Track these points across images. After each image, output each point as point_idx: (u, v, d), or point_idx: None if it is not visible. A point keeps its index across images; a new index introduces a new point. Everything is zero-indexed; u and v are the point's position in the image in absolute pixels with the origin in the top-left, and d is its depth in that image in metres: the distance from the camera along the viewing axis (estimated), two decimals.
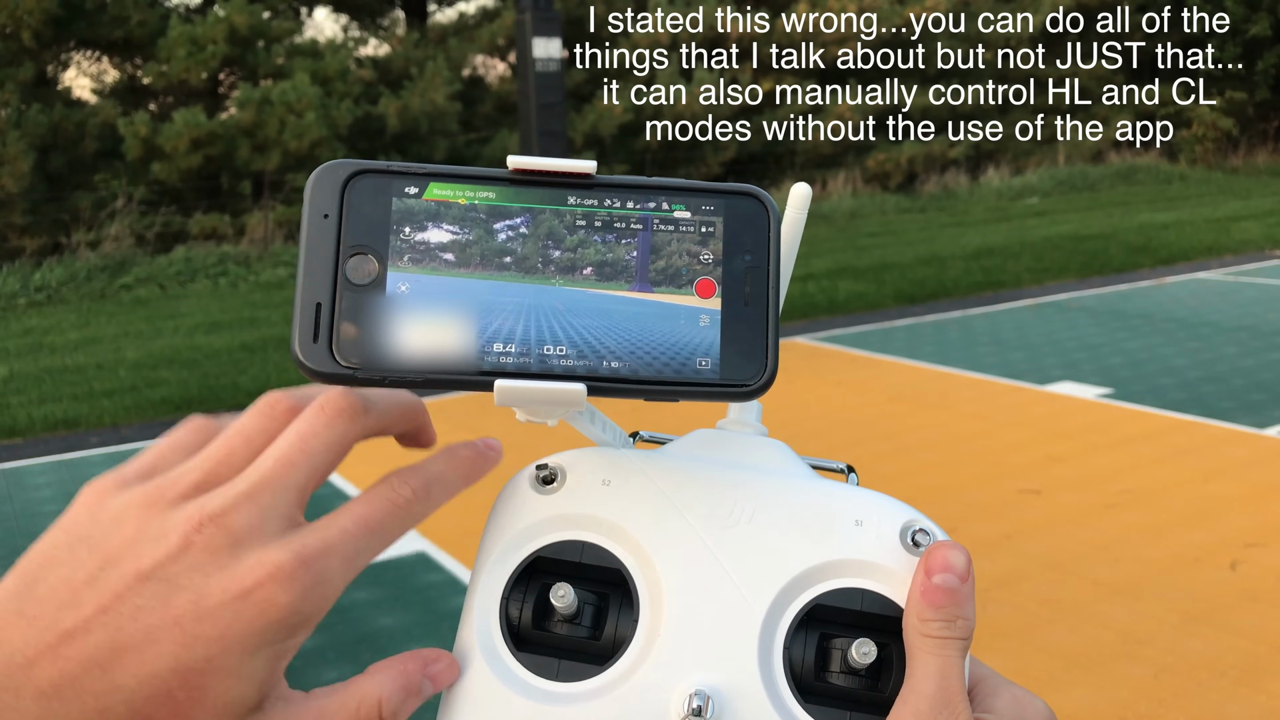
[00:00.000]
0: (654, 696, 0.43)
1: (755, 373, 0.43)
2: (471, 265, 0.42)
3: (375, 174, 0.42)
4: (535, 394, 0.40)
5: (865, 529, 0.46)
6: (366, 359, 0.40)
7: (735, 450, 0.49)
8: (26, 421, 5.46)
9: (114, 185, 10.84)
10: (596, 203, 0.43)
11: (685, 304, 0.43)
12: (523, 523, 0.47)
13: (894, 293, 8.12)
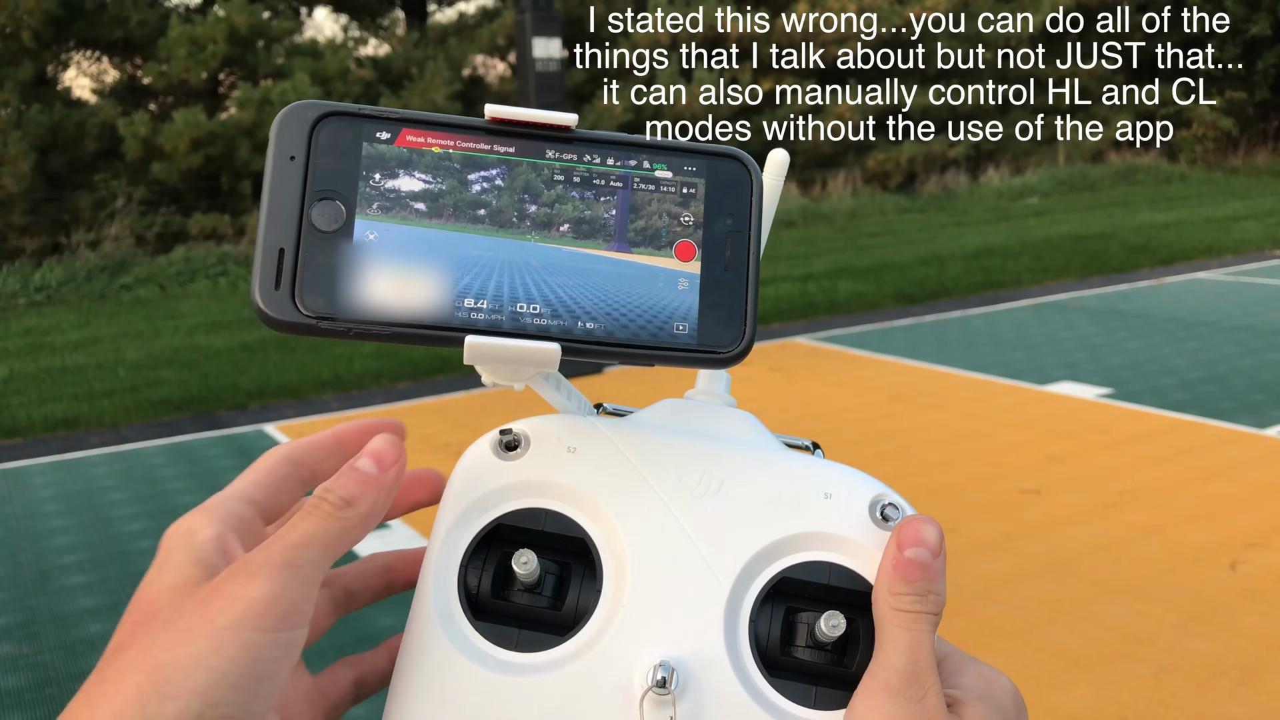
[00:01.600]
0: (616, 668, 0.42)
1: (733, 339, 0.42)
2: (444, 216, 0.40)
3: (346, 116, 0.41)
4: (507, 352, 0.39)
5: (834, 502, 0.45)
6: (330, 309, 0.39)
7: (704, 420, 0.48)
8: (26, 422, 5.46)
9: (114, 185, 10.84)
10: (576, 158, 0.42)
11: (664, 266, 0.42)
12: (484, 489, 0.45)
13: (894, 293, 8.12)
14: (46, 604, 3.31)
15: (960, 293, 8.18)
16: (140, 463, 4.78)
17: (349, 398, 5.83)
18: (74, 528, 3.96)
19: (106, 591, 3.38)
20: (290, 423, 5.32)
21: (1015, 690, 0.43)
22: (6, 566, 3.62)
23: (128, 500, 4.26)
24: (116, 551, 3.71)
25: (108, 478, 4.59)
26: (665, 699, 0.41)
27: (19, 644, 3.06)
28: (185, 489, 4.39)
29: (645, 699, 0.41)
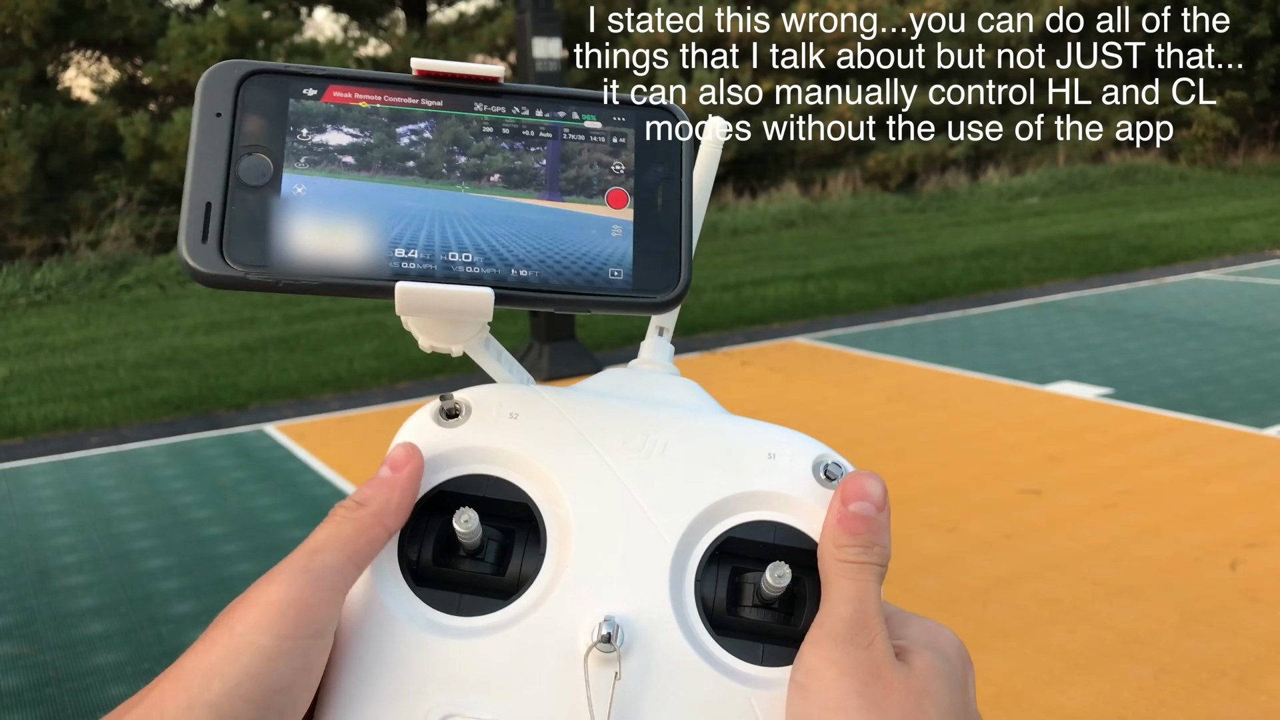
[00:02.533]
0: (561, 628, 0.42)
1: (669, 283, 0.42)
2: (372, 169, 0.41)
3: (271, 74, 0.41)
4: (440, 298, 0.39)
5: (778, 462, 0.45)
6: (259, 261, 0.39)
7: (648, 387, 0.48)
8: (26, 422, 5.46)
9: (114, 185, 10.84)
10: (504, 110, 0.42)
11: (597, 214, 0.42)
12: (424, 456, 0.45)
13: (894, 293, 8.12)
14: (46, 604, 3.31)
15: (960, 293, 8.18)
16: (140, 463, 4.78)
17: (349, 398, 5.83)
18: (74, 528, 3.96)
19: (106, 591, 3.38)
20: (290, 423, 5.32)
21: (960, 642, 0.44)
22: (6, 566, 3.62)
23: (128, 500, 4.26)
24: (116, 551, 3.71)
25: (108, 478, 4.59)
26: (610, 656, 0.41)
27: (19, 644, 3.06)
28: (185, 489, 4.39)
29: (589, 655, 0.41)
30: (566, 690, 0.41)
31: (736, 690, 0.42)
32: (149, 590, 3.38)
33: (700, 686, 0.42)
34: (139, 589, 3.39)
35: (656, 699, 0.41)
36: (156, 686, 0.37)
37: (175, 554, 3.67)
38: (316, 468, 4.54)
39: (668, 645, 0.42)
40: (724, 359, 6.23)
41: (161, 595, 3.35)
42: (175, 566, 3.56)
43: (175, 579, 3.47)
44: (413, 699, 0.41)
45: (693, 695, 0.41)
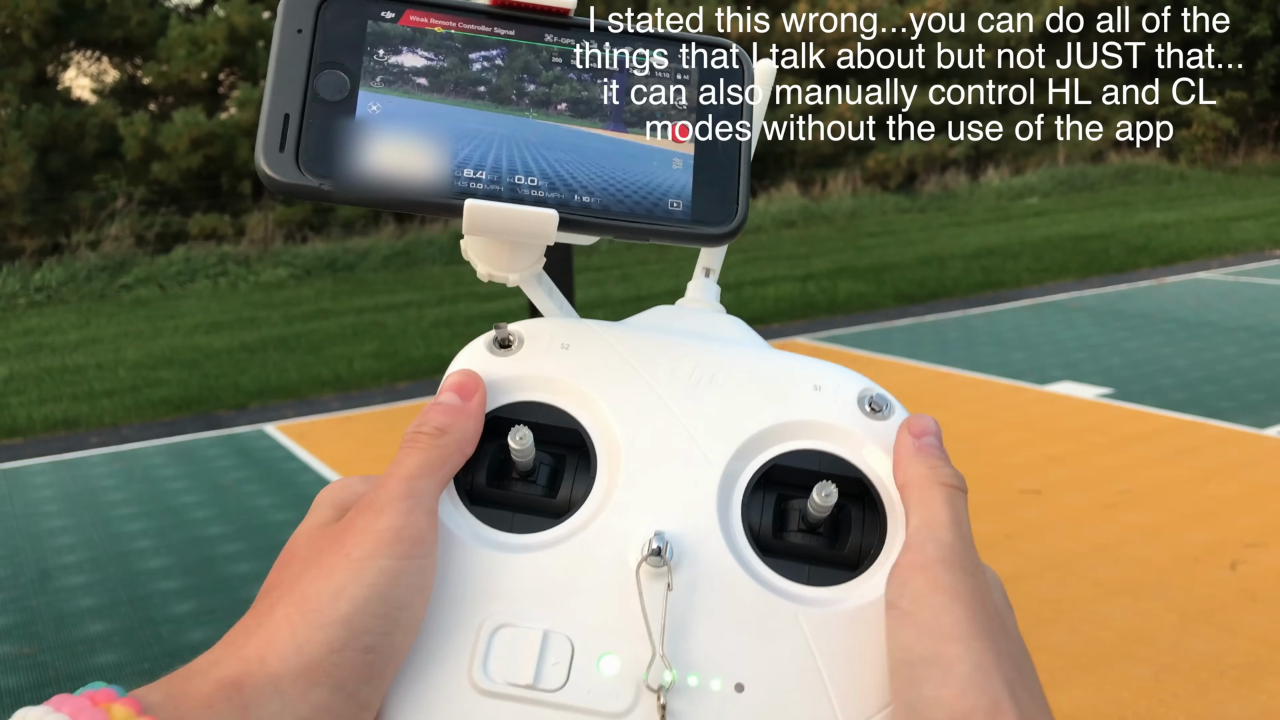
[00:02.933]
0: (611, 543, 0.43)
1: (727, 216, 0.43)
2: (445, 91, 0.42)
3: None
4: (506, 216, 0.40)
5: (823, 393, 0.46)
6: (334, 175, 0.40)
7: (694, 322, 0.49)
8: (27, 422, 5.46)
9: (114, 185, 10.84)
10: (573, 41, 0.44)
11: (659, 146, 0.43)
12: None
13: (894, 293, 8.12)
14: (46, 604, 3.31)
15: (960, 293, 8.18)
16: (140, 463, 4.78)
17: (349, 398, 5.83)
18: (74, 528, 3.96)
19: (106, 591, 3.38)
20: (290, 422, 5.32)
21: None
22: (7, 566, 3.62)
23: (128, 500, 4.26)
24: (116, 551, 3.71)
25: (108, 478, 4.59)
26: (661, 569, 0.42)
27: (19, 644, 3.06)
28: (185, 489, 4.39)
29: (640, 569, 0.42)
30: (617, 602, 0.42)
31: (783, 606, 0.43)
32: (149, 590, 3.38)
33: (747, 601, 0.42)
34: (139, 589, 3.39)
35: (705, 612, 0.42)
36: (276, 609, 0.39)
37: (175, 554, 3.67)
38: (316, 468, 4.54)
39: (715, 562, 0.43)
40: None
41: (161, 595, 3.35)
42: (175, 566, 3.56)
43: (175, 579, 3.47)
44: (468, 609, 0.42)
45: (740, 609, 0.42)
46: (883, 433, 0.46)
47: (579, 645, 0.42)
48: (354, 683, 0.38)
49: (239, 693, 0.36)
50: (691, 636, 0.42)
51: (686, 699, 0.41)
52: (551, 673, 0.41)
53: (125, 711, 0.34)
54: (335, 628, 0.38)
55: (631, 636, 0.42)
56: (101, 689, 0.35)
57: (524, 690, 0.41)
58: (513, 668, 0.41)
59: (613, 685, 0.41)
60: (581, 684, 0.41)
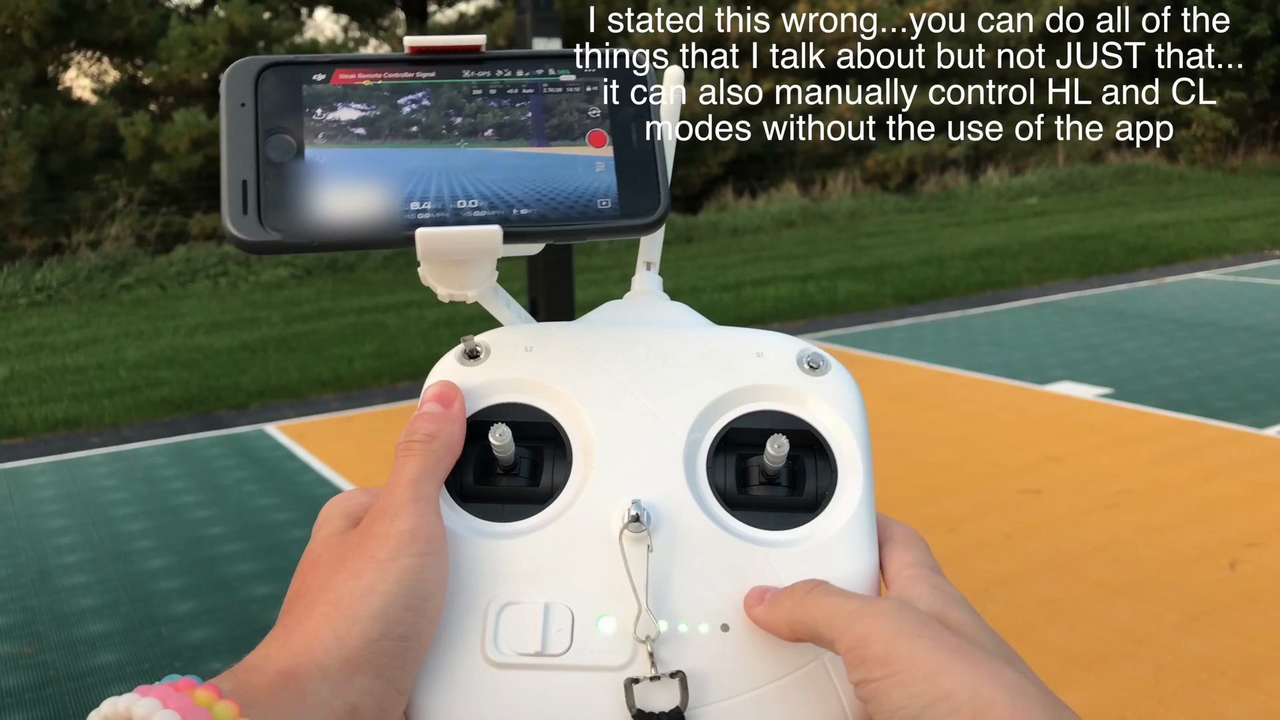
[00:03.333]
0: (595, 518, 0.47)
1: (651, 206, 0.47)
2: (382, 136, 0.46)
3: (283, 66, 0.47)
4: (455, 238, 0.44)
5: (765, 359, 0.51)
6: (295, 228, 0.44)
7: (643, 312, 0.54)
8: (27, 422, 5.46)
9: (114, 185, 10.84)
10: (489, 74, 0.48)
11: (581, 154, 0.47)
12: None
13: (894, 293, 8.12)
14: (47, 604, 3.32)
15: (960, 293, 8.18)
16: (141, 462, 4.78)
17: (349, 398, 5.83)
18: (74, 527, 3.96)
19: (107, 591, 3.38)
20: (290, 423, 5.32)
21: None
22: (7, 566, 3.63)
23: (128, 500, 4.26)
24: (117, 551, 3.71)
25: (108, 477, 4.59)
26: (641, 534, 0.46)
27: (19, 644, 3.07)
28: (186, 489, 4.39)
29: (623, 536, 0.46)
30: (606, 568, 0.46)
31: (755, 551, 0.47)
32: (149, 590, 3.39)
33: (722, 552, 0.47)
34: (139, 589, 3.39)
35: (685, 566, 0.47)
36: (313, 609, 0.43)
37: (176, 554, 3.67)
38: (317, 468, 4.54)
39: (689, 522, 0.47)
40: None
41: (162, 595, 3.35)
42: (176, 566, 3.57)
43: (176, 579, 3.47)
44: (474, 595, 0.46)
45: (717, 560, 0.47)
46: (823, 386, 0.51)
47: (578, 612, 0.46)
48: (391, 669, 0.43)
49: (294, 681, 0.41)
50: (676, 590, 0.46)
51: (677, 645, 0.46)
52: (556, 639, 0.45)
53: (208, 695, 0.38)
54: (370, 622, 0.42)
55: (624, 598, 0.46)
56: (181, 679, 0.39)
57: (533, 658, 0.45)
58: (521, 639, 0.45)
59: (612, 642, 0.46)
60: (584, 645, 0.45)
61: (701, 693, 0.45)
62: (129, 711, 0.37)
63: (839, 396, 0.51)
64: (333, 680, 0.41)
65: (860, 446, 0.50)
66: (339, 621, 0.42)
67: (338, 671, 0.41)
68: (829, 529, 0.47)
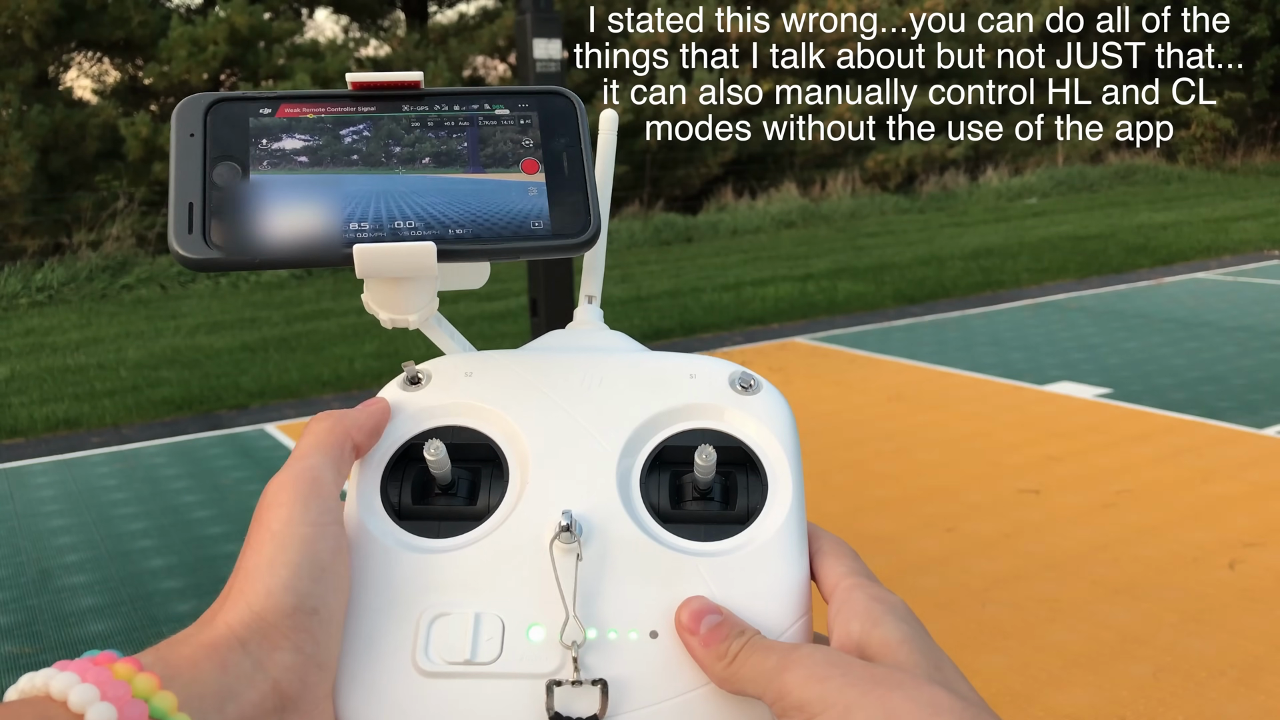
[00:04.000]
0: (528, 530, 0.48)
1: (582, 228, 0.49)
2: (324, 164, 0.48)
3: (231, 101, 0.49)
4: (391, 253, 0.46)
5: (698, 380, 0.53)
6: (238, 246, 0.46)
7: (583, 340, 0.56)
8: (28, 421, 5.46)
9: (115, 186, 10.84)
10: (428, 108, 0.50)
11: (515, 180, 0.49)
12: (395, 417, 0.52)
13: (893, 293, 8.13)
14: (47, 603, 3.32)
15: (959, 293, 8.18)
16: (141, 462, 4.79)
17: (349, 398, 5.83)
18: (75, 527, 3.96)
19: (107, 591, 3.39)
20: (291, 423, 5.32)
21: None
22: (7, 566, 3.63)
23: (129, 500, 4.27)
24: (117, 551, 3.72)
25: (109, 477, 4.60)
26: (571, 544, 0.47)
27: (19, 643, 3.07)
28: (186, 489, 4.39)
29: (554, 545, 0.47)
30: (538, 578, 0.47)
31: (685, 560, 0.48)
32: (150, 589, 3.39)
33: (653, 561, 0.48)
34: (140, 588, 3.40)
35: (616, 576, 0.47)
36: (231, 588, 0.44)
37: (176, 553, 3.68)
38: None
39: (621, 533, 0.48)
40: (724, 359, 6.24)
41: (163, 594, 3.35)
42: (176, 566, 3.57)
43: (176, 578, 3.47)
44: (405, 606, 0.47)
45: (647, 568, 0.48)
46: (754, 405, 0.52)
47: (509, 621, 0.47)
48: (309, 644, 0.43)
49: (216, 652, 0.40)
50: (606, 598, 0.47)
51: (606, 652, 0.46)
52: (486, 647, 0.46)
53: (127, 668, 0.37)
54: (281, 594, 0.42)
55: (555, 607, 0.46)
56: (100, 653, 0.38)
57: (462, 666, 0.46)
58: (450, 648, 0.46)
59: (541, 650, 0.46)
60: (514, 654, 0.46)
61: (627, 699, 0.45)
62: (46, 686, 0.36)
63: (769, 414, 0.52)
64: (252, 654, 0.41)
65: (790, 461, 0.50)
66: (252, 595, 0.42)
67: (256, 645, 0.41)
68: (758, 539, 0.48)
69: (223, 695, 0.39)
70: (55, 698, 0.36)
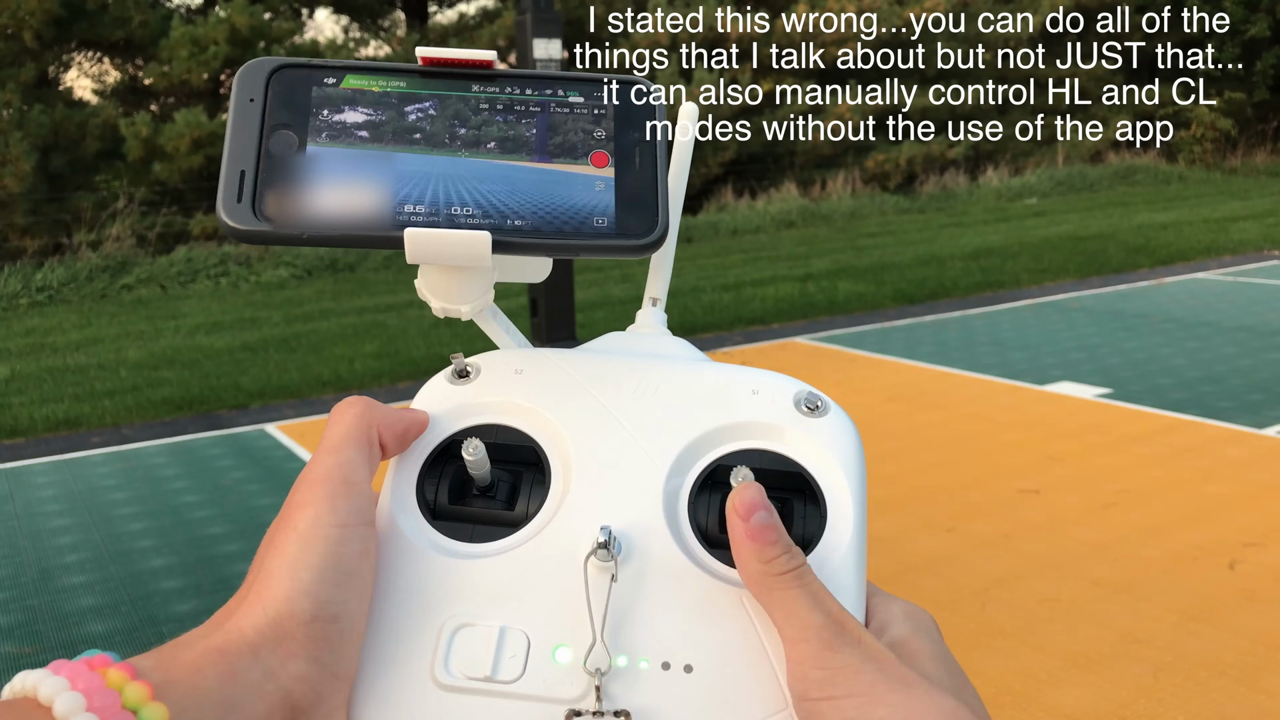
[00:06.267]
0: (563, 543, 0.45)
1: (648, 229, 0.46)
2: (384, 140, 0.46)
3: (296, 68, 0.47)
4: (444, 240, 0.43)
5: (761, 396, 0.49)
6: (285, 218, 0.44)
7: (642, 344, 0.53)
8: (28, 421, 5.46)
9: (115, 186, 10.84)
10: (498, 90, 0.48)
11: (582, 172, 0.47)
12: (438, 410, 0.49)
13: (893, 293, 8.13)
14: (47, 604, 3.32)
15: (959, 293, 8.18)
16: (142, 462, 4.79)
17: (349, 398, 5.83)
18: (75, 527, 3.96)
19: (107, 591, 3.39)
20: (291, 422, 5.32)
21: (935, 623, 0.46)
22: (8, 566, 3.63)
23: (129, 500, 4.27)
24: (117, 551, 3.71)
25: (109, 477, 4.59)
26: (607, 563, 0.44)
27: (19, 644, 3.07)
28: (186, 489, 4.39)
29: (589, 562, 0.44)
30: (568, 595, 0.44)
31: (728, 591, 0.45)
32: (150, 590, 3.39)
33: (693, 589, 0.45)
34: (140, 588, 3.40)
35: (654, 601, 0.44)
36: (249, 589, 0.41)
37: (176, 554, 3.68)
38: None
39: (662, 554, 0.45)
40: (724, 359, 6.23)
41: (163, 595, 3.35)
42: (176, 566, 3.57)
43: (176, 578, 3.47)
44: (430, 613, 0.44)
45: (687, 596, 0.44)
46: (819, 428, 0.49)
47: (535, 639, 0.44)
48: (327, 654, 0.41)
49: (224, 659, 0.39)
50: (640, 624, 0.44)
51: (634, 681, 0.43)
52: (508, 665, 0.43)
53: (120, 676, 0.36)
54: (300, 599, 0.40)
55: (586, 628, 0.43)
56: (97, 655, 0.37)
57: (482, 683, 0.43)
58: (472, 663, 0.43)
59: (567, 674, 0.43)
60: (538, 674, 0.43)
61: None
62: (35, 689, 0.35)
63: (835, 439, 0.49)
64: (264, 661, 0.39)
65: (854, 492, 0.47)
66: (270, 600, 0.40)
67: (270, 652, 0.39)
68: None
69: (225, 706, 0.38)
70: (42, 703, 0.35)
